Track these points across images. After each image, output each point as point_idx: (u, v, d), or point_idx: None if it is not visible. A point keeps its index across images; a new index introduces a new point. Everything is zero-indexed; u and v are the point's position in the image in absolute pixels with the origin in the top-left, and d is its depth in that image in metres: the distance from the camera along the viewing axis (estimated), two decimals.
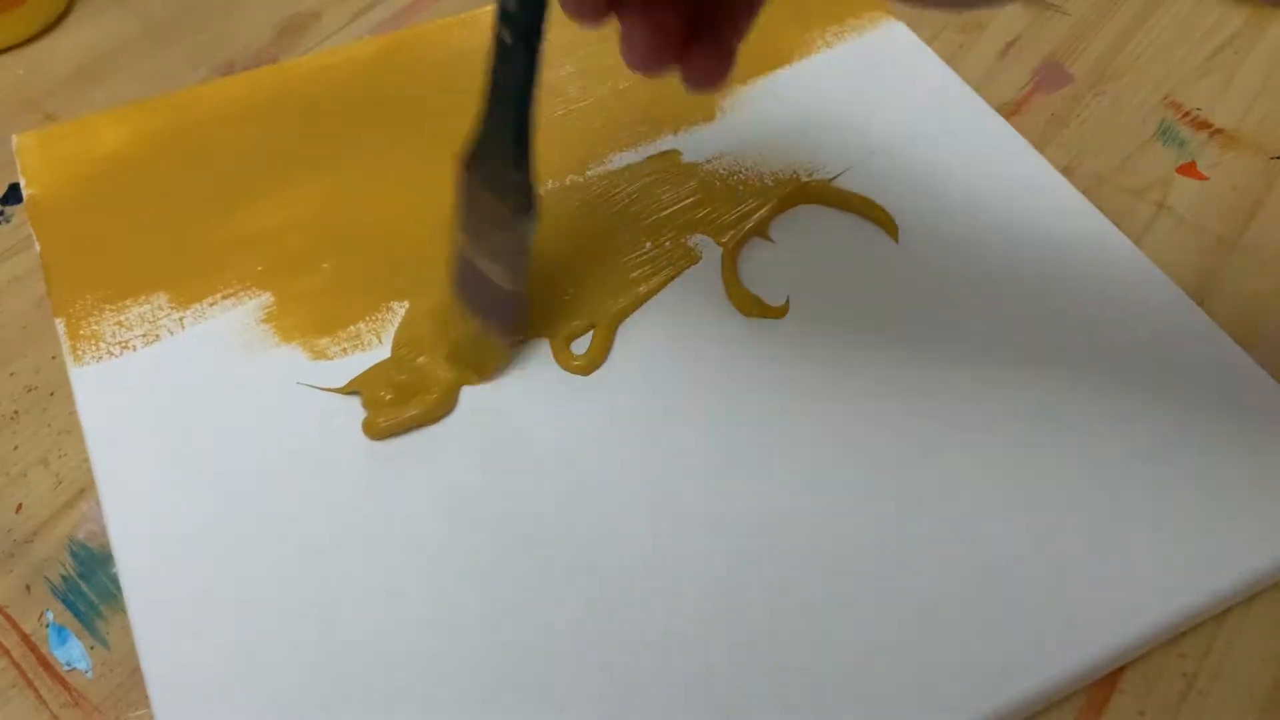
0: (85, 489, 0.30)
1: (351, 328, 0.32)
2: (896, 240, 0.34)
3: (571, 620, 0.26)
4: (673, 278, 0.33)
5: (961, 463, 0.29)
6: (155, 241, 0.34)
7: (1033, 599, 0.27)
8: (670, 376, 0.31)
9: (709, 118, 0.37)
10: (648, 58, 0.24)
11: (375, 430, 0.29)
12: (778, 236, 0.34)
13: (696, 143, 0.37)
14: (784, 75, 0.39)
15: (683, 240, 0.34)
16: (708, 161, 0.36)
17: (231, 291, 0.32)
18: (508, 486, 0.29)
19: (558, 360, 0.31)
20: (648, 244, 0.34)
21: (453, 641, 0.26)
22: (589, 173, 0.36)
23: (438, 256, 0.33)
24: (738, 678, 0.26)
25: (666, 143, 0.37)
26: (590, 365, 0.31)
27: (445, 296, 0.31)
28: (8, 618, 0.28)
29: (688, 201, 0.35)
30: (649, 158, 0.36)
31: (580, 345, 0.31)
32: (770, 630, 0.26)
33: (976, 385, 0.31)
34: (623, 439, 0.30)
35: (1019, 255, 0.34)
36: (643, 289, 0.32)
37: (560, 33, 0.40)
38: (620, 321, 0.32)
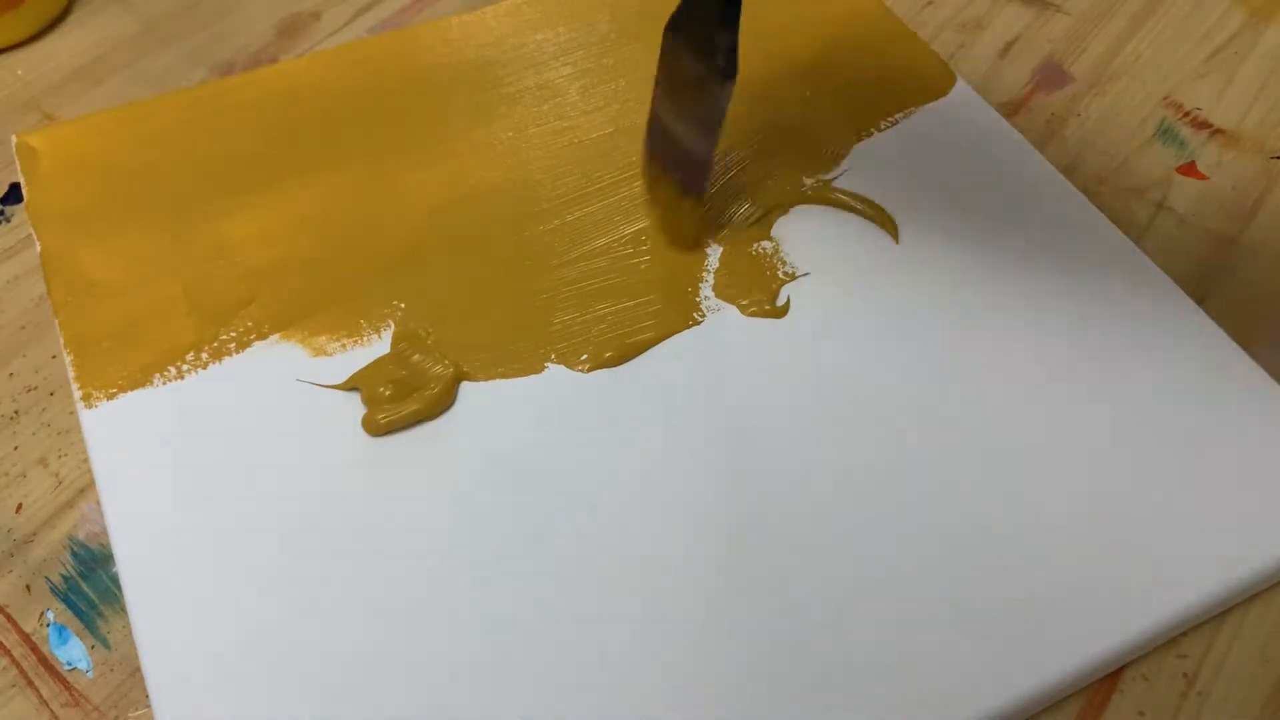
0: (85, 489, 0.30)
1: (351, 324, 0.32)
2: (897, 240, 0.34)
3: (571, 616, 0.26)
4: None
5: (959, 463, 0.29)
6: (154, 241, 0.34)
7: (1032, 599, 0.27)
8: (670, 375, 0.31)
9: None
10: None
11: (375, 426, 0.29)
12: (778, 236, 0.34)
13: None
14: (785, 73, 0.39)
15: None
16: None
17: (230, 289, 0.32)
18: (508, 481, 0.29)
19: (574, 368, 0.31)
20: (647, 243, 0.34)
21: (453, 638, 0.26)
22: (591, 171, 0.36)
23: (437, 253, 0.34)
24: (737, 677, 0.26)
25: None
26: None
27: (443, 292, 0.31)
28: (8, 618, 0.28)
29: None
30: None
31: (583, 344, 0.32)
32: (770, 631, 0.26)
33: (976, 386, 0.31)
34: (623, 436, 0.30)
35: (1019, 255, 0.34)
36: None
37: (560, 33, 0.40)
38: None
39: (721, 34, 0.27)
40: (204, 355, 0.31)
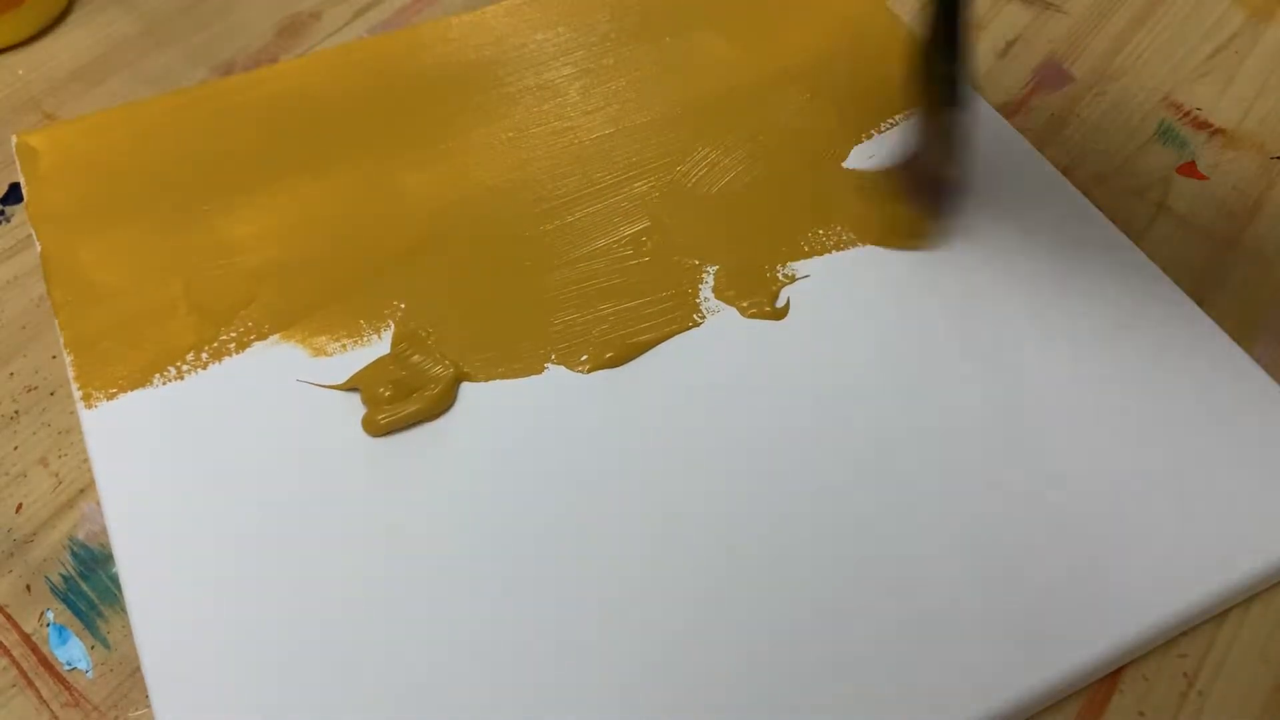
0: (85, 489, 0.30)
1: (351, 324, 0.32)
2: None
3: (570, 618, 0.26)
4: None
5: (961, 463, 0.29)
6: (154, 241, 0.34)
7: (1032, 599, 0.27)
8: (670, 376, 0.31)
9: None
10: None
11: (375, 427, 0.29)
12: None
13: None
14: (785, 74, 0.39)
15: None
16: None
17: (230, 289, 0.32)
18: (508, 482, 0.29)
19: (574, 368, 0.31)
20: (647, 244, 0.34)
21: (453, 639, 0.26)
22: (591, 171, 0.36)
23: (437, 253, 0.34)
24: (738, 678, 0.26)
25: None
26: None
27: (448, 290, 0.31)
28: (8, 618, 0.28)
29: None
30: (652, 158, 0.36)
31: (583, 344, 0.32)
32: (770, 631, 0.26)
33: (976, 385, 0.31)
34: (622, 437, 0.30)
35: (1019, 255, 0.34)
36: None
37: (560, 33, 0.40)
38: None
39: (944, 66, 0.30)
40: (204, 355, 0.31)
